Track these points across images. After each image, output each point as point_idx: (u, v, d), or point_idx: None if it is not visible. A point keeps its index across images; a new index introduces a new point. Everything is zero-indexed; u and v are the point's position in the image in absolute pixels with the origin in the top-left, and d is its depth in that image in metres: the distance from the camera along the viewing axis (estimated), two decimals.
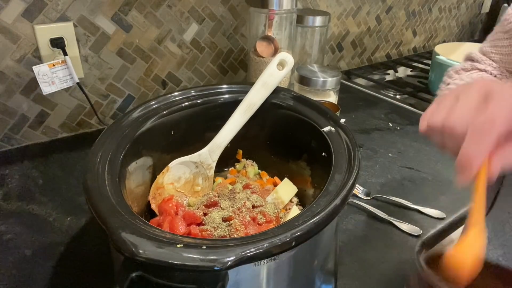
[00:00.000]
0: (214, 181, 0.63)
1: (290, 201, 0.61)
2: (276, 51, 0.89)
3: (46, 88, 0.76)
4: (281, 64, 0.61)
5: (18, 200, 0.66)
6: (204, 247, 0.34)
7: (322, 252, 0.47)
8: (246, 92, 0.60)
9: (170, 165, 0.58)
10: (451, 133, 0.31)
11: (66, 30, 0.77)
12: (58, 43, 0.76)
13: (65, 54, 0.76)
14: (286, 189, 0.61)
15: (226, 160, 0.65)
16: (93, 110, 0.84)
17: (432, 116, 0.33)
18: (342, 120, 0.55)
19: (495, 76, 0.52)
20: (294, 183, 0.62)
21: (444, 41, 1.75)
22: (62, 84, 0.77)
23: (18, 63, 0.75)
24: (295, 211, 0.58)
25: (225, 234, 0.49)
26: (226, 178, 0.66)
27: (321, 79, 0.85)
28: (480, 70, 0.54)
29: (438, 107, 0.33)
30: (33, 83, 0.77)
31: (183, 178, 0.60)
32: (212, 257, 0.33)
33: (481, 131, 0.30)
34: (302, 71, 0.87)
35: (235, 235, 0.49)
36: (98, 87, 0.87)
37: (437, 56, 1.13)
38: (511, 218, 0.44)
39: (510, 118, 0.30)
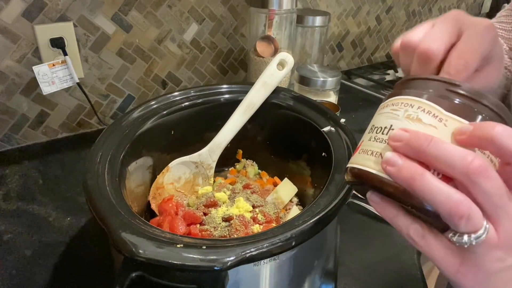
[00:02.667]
0: (214, 181, 0.63)
1: (290, 201, 0.61)
2: (276, 51, 0.89)
3: (46, 88, 0.76)
4: (281, 64, 0.61)
5: (18, 200, 0.66)
6: (204, 247, 0.34)
7: (322, 252, 0.47)
8: (246, 92, 0.60)
9: (170, 165, 0.58)
10: (425, 53, 0.30)
11: (66, 30, 0.77)
12: (58, 43, 0.76)
13: (65, 54, 0.76)
14: (286, 189, 0.61)
15: (226, 160, 0.65)
16: (93, 110, 0.84)
17: (409, 35, 0.32)
18: (342, 120, 0.55)
19: None
20: (294, 183, 0.62)
21: None
22: (62, 84, 0.77)
23: (18, 63, 0.75)
24: (295, 211, 0.58)
25: (225, 234, 0.49)
26: (226, 178, 0.66)
27: (321, 79, 0.85)
28: None
29: (414, 30, 0.33)
30: (33, 83, 0.77)
31: (183, 178, 0.60)
32: (212, 257, 0.33)
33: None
34: (302, 71, 0.87)
35: (235, 235, 0.49)
36: (98, 87, 0.87)
37: None
38: None
39: (480, 49, 0.30)
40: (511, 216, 0.24)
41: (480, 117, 0.26)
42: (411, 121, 0.26)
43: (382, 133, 0.27)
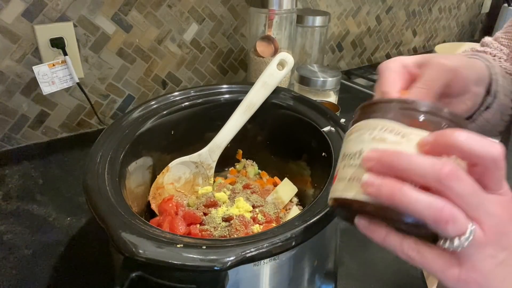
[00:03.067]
0: (214, 181, 0.63)
1: (290, 201, 0.61)
2: (276, 51, 0.89)
3: (46, 88, 0.76)
4: (281, 64, 0.61)
5: (18, 200, 0.66)
6: (204, 247, 0.34)
7: (322, 252, 0.47)
8: (246, 92, 0.60)
9: (170, 165, 0.58)
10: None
11: (66, 30, 0.77)
12: (58, 43, 0.76)
13: (65, 54, 0.76)
14: (286, 189, 0.61)
15: (226, 160, 0.65)
16: (93, 110, 0.84)
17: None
18: (342, 120, 0.55)
19: (494, 56, 0.52)
20: (294, 183, 0.62)
21: (444, 41, 1.75)
22: (62, 84, 0.77)
23: (18, 63, 0.75)
24: (295, 211, 0.58)
25: (225, 234, 0.49)
26: (226, 178, 0.66)
27: (321, 79, 0.85)
28: (479, 51, 0.54)
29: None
30: (33, 83, 0.77)
31: (183, 178, 0.60)
32: (212, 257, 0.33)
33: None
34: (302, 71, 0.87)
35: (235, 235, 0.49)
36: (98, 87, 0.87)
37: None
38: None
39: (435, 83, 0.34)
40: (491, 212, 0.25)
41: (437, 126, 0.27)
42: (377, 142, 0.27)
43: (354, 159, 0.28)
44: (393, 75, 0.34)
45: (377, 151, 0.27)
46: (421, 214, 0.24)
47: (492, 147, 0.24)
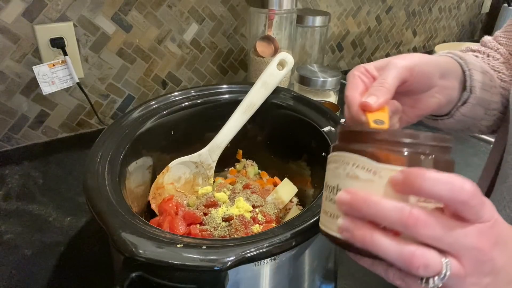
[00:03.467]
0: (214, 181, 0.63)
1: (290, 201, 0.61)
2: (276, 51, 0.89)
3: (46, 88, 0.76)
4: (281, 64, 0.61)
5: (18, 200, 0.66)
6: (204, 247, 0.34)
7: (322, 252, 0.47)
8: (246, 92, 0.60)
9: (170, 165, 0.58)
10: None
11: (66, 30, 0.77)
12: (58, 43, 0.76)
13: (65, 54, 0.76)
14: (286, 189, 0.61)
15: (226, 160, 0.65)
16: (93, 110, 0.84)
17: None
18: (342, 120, 0.55)
19: (488, 56, 0.53)
20: (294, 183, 0.62)
21: (444, 41, 1.75)
22: (62, 84, 0.77)
23: (18, 63, 0.75)
24: (295, 211, 0.58)
25: (225, 234, 0.49)
26: (226, 178, 0.66)
27: (321, 79, 0.85)
28: (474, 51, 0.55)
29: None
30: (33, 83, 0.77)
31: (183, 178, 0.60)
32: (212, 257, 0.33)
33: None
34: (302, 71, 0.87)
35: (235, 235, 0.49)
36: (98, 87, 0.87)
37: None
38: None
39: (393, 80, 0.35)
40: (468, 245, 0.25)
41: (408, 158, 0.26)
42: (351, 179, 0.27)
43: (333, 193, 0.28)
44: (356, 80, 0.37)
45: (348, 193, 0.26)
46: (392, 260, 0.25)
47: (461, 190, 0.24)
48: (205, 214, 0.53)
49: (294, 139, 0.61)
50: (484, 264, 0.25)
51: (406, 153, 0.26)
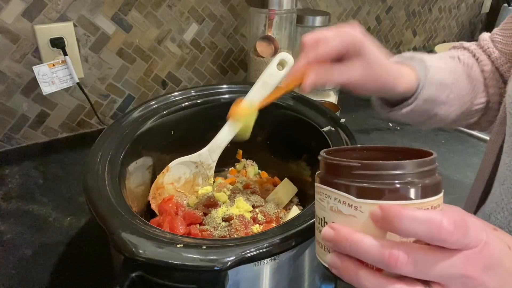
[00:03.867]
0: (214, 181, 0.63)
1: (290, 201, 0.61)
2: (276, 51, 0.89)
3: (46, 88, 0.76)
4: (281, 64, 0.61)
5: (18, 200, 0.66)
6: (204, 247, 0.34)
7: None
8: (246, 92, 0.60)
9: (170, 165, 0.58)
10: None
11: (66, 30, 0.77)
12: (58, 43, 0.76)
13: (65, 54, 0.76)
14: (286, 189, 0.61)
15: (226, 160, 0.65)
16: (93, 110, 0.84)
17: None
18: (342, 120, 0.55)
19: (474, 55, 0.53)
20: (294, 183, 0.62)
21: (444, 41, 1.75)
22: (62, 84, 0.77)
23: (18, 63, 0.75)
24: (295, 211, 0.58)
25: (225, 234, 0.49)
26: (226, 178, 0.66)
27: None
28: (465, 48, 0.56)
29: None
30: (33, 83, 0.77)
31: (183, 178, 0.60)
32: (212, 257, 0.33)
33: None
34: None
35: (235, 235, 0.49)
36: (98, 87, 0.87)
37: None
38: None
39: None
40: (456, 275, 0.25)
41: (387, 191, 0.25)
42: (334, 213, 0.27)
43: (321, 225, 0.29)
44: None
45: (332, 228, 0.26)
46: None
47: (439, 228, 0.23)
48: (205, 214, 0.53)
49: (294, 139, 0.61)
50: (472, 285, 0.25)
51: (383, 186, 0.25)
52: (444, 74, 0.49)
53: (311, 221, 0.37)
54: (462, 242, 0.24)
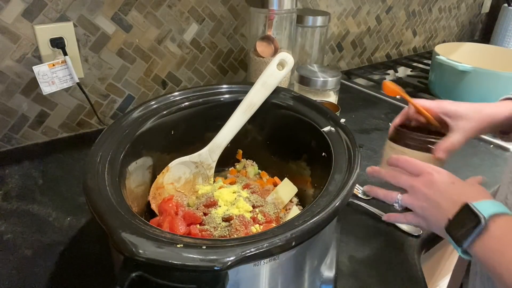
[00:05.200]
0: (214, 181, 0.63)
1: (290, 201, 0.61)
2: (276, 51, 0.89)
3: (46, 88, 0.76)
4: (281, 64, 0.61)
5: (18, 200, 0.66)
6: (204, 247, 0.34)
7: (322, 252, 0.47)
8: (246, 92, 0.60)
9: (170, 165, 0.58)
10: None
11: (66, 30, 0.77)
12: (58, 43, 0.76)
13: (65, 54, 0.76)
14: (286, 189, 0.61)
15: (226, 160, 0.65)
16: (93, 110, 0.84)
17: None
18: (342, 120, 0.55)
19: None
20: (294, 183, 0.62)
21: (444, 41, 1.75)
22: (62, 84, 0.77)
23: (18, 63, 0.75)
24: (295, 211, 0.58)
25: (225, 234, 0.49)
26: (226, 178, 0.66)
27: (321, 79, 0.85)
28: None
29: None
30: (33, 83, 0.77)
31: (183, 178, 0.60)
32: (212, 257, 0.33)
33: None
34: (302, 71, 0.87)
35: (235, 235, 0.49)
36: (98, 87, 0.87)
37: (437, 56, 1.13)
38: None
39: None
40: (408, 185, 0.49)
41: (420, 146, 0.57)
42: (396, 153, 0.57)
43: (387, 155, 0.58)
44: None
45: (393, 158, 0.54)
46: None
47: (407, 164, 0.51)
48: (205, 214, 0.53)
49: (294, 139, 0.61)
50: (417, 193, 0.48)
51: (416, 144, 0.56)
52: None
53: (311, 221, 0.37)
54: (412, 171, 0.50)
